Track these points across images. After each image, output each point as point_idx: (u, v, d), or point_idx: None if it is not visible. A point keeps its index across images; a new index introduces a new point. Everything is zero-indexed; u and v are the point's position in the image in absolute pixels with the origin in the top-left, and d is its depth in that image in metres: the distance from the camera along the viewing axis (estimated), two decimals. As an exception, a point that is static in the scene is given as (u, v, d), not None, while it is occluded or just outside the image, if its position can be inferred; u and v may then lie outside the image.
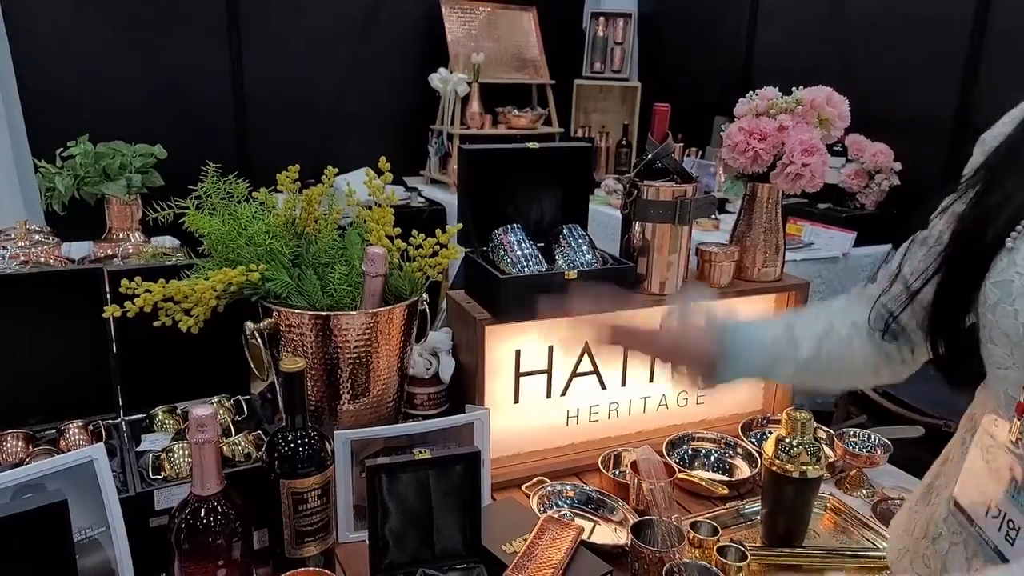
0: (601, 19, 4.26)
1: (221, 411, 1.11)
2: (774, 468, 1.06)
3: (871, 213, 2.90)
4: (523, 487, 1.21)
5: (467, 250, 1.23)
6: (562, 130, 4.13)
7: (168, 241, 2.12)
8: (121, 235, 2.03)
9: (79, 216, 2.12)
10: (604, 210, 3.19)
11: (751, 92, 1.36)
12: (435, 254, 1.11)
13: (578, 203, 1.30)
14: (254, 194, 1.13)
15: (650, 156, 1.24)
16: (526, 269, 1.17)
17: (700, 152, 3.69)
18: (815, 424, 1.35)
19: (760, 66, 3.65)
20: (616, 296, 1.20)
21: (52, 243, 1.82)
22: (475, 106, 3.81)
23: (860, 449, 1.26)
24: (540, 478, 1.22)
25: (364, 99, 3.88)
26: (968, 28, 2.66)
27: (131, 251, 1.94)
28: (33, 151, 2.74)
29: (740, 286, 1.36)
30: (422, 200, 3.64)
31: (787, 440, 1.07)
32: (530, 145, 1.22)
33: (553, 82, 4.05)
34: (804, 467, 1.05)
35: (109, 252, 1.92)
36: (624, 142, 4.20)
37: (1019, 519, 0.69)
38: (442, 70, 3.74)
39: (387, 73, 3.90)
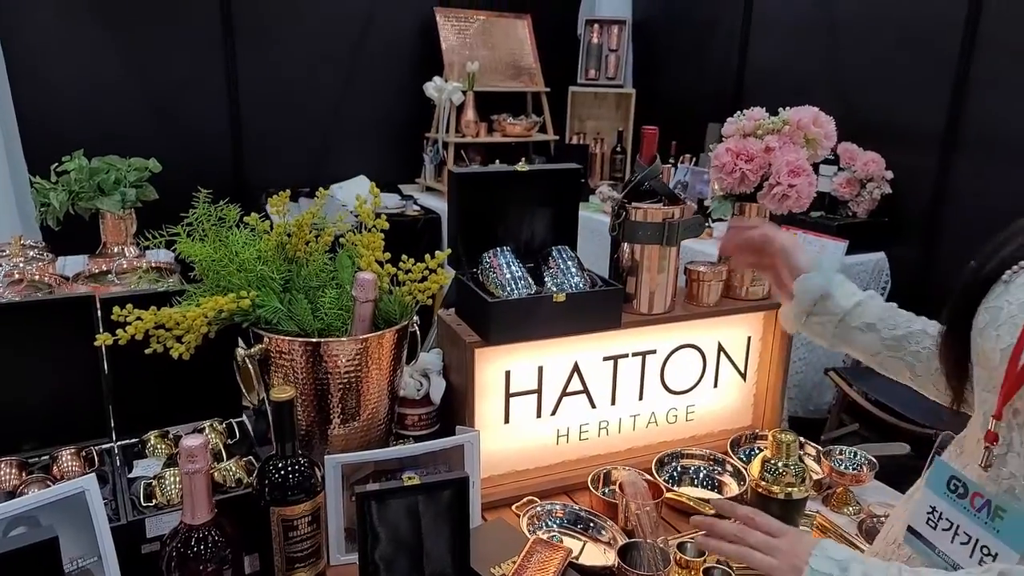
0: (596, 26, 4.27)
1: (213, 435, 1.12)
2: (760, 489, 1.08)
3: (863, 221, 2.92)
4: (513, 507, 1.22)
5: (457, 273, 1.24)
6: (557, 137, 4.14)
7: (163, 255, 2.13)
8: (116, 249, 2.04)
9: (75, 229, 2.13)
10: (599, 217, 3.20)
11: (739, 112, 1.37)
12: (424, 279, 1.12)
13: (567, 224, 1.31)
14: (246, 219, 1.14)
15: (638, 178, 1.25)
16: (515, 292, 1.18)
17: (694, 159, 3.71)
18: (803, 441, 1.37)
19: (753, 74, 3.67)
20: (605, 316, 1.22)
21: (47, 259, 1.82)
22: (470, 114, 3.82)
23: (846, 467, 1.28)
24: (530, 498, 1.23)
25: (360, 107, 3.89)
26: (959, 38, 2.67)
27: (125, 266, 1.95)
28: (29, 166, 2.75)
29: (728, 304, 1.37)
30: (417, 208, 3.65)
31: (773, 461, 1.08)
32: (519, 168, 1.24)
33: (548, 90, 4.06)
34: (789, 488, 1.06)
35: (104, 267, 1.93)
36: (619, 148, 4.22)
37: (994, 544, 0.70)
38: (437, 79, 3.75)
39: (382, 81, 3.92)
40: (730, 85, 3.75)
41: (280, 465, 0.93)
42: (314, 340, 1.04)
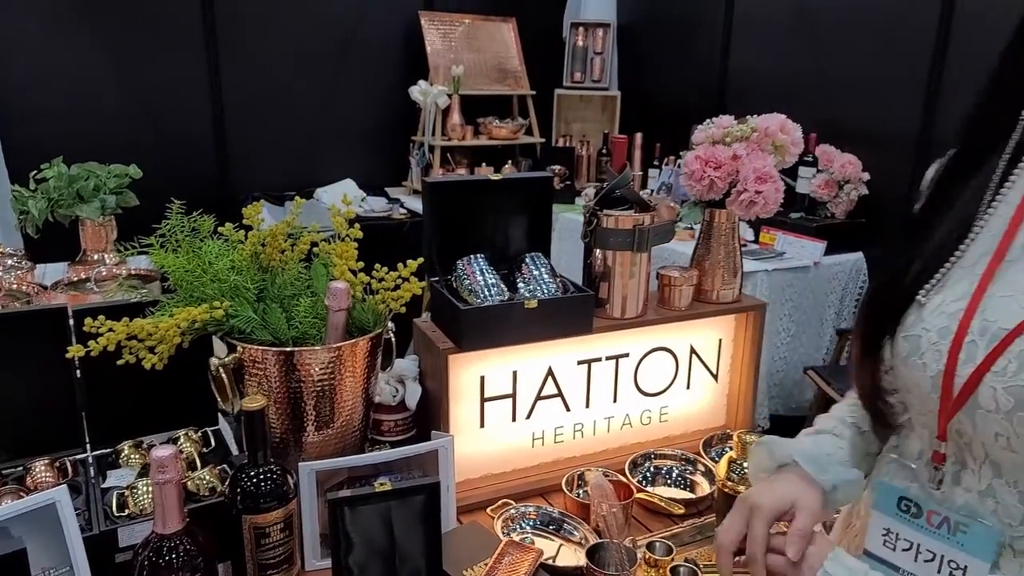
0: (580, 29, 4.30)
1: (188, 444, 1.13)
2: (726, 489, 1.10)
3: (841, 222, 2.96)
4: (488, 510, 1.24)
5: (432, 280, 1.26)
6: (543, 140, 4.17)
7: (144, 262, 2.14)
8: (96, 256, 2.05)
9: (55, 236, 2.14)
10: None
11: (708, 119, 1.40)
12: (397, 287, 1.14)
13: (541, 231, 1.33)
14: (220, 229, 1.16)
15: (609, 186, 1.27)
16: (488, 298, 1.20)
17: (678, 160, 3.74)
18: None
19: (736, 76, 3.70)
20: (577, 321, 1.24)
21: (25, 268, 1.83)
22: (456, 117, 3.84)
23: (815, 467, 1.30)
24: (505, 500, 1.25)
25: (345, 111, 3.90)
26: (932, 42, 2.71)
27: (105, 273, 1.96)
28: (10, 174, 2.75)
29: (700, 308, 1.39)
30: (404, 212, 3.66)
31: (738, 462, 1.11)
32: (492, 177, 1.26)
33: (533, 92, 4.09)
34: (755, 489, 1.08)
35: (83, 275, 1.94)
36: (605, 151, 4.25)
37: (962, 558, 0.71)
38: (422, 82, 3.77)
39: (368, 85, 3.93)
40: (713, 87, 3.78)
41: (252, 473, 0.94)
42: (287, 349, 1.05)
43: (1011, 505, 0.69)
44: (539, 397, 1.31)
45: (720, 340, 1.45)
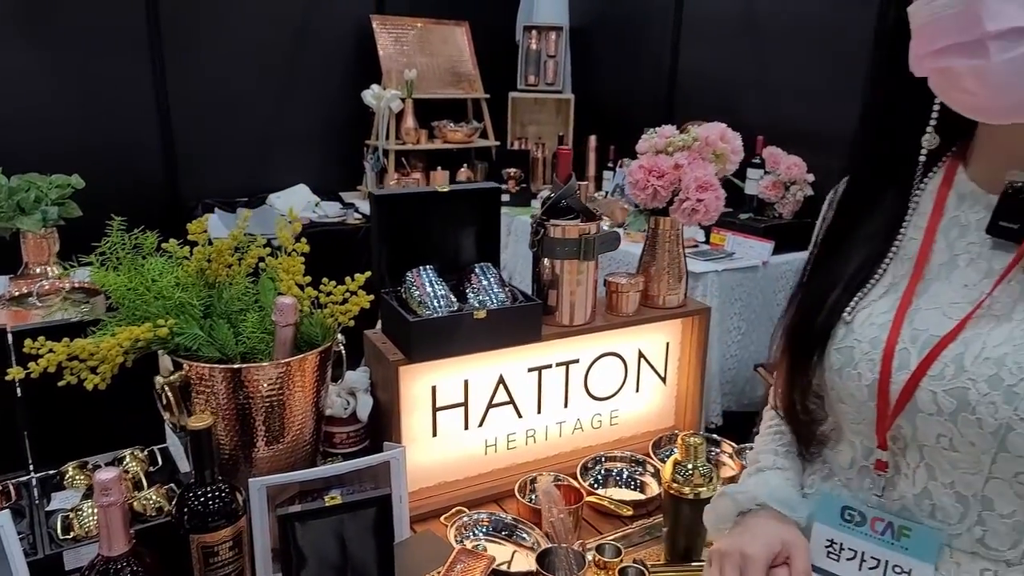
0: (533, 32, 4.33)
1: (134, 463, 1.12)
2: (672, 491, 1.13)
3: (788, 222, 3.04)
4: (442, 518, 1.25)
5: (382, 291, 1.27)
6: (498, 143, 4.19)
7: (88, 275, 2.09)
8: (38, 270, 2.00)
9: (-4, 250, 2.08)
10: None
11: (651, 129, 1.43)
12: (345, 301, 1.14)
13: (489, 241, 1.35)
14: (164, 245, 1.15)
15: (556, 196, 1.29)
16: (438, 309, 1.21)
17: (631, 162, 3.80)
18: (719, 439, 1.44)
19: (685, 79, 3.78)
20: (525, 330, 1.27)
21: (-36, 284, 1.78)
22: (410, 121, 3.84)
23: (759, 465, 1.34)
24: (458, 508, 1.27)
25: (297, 116, 3.87)
26: (868, 44, 2.81)
27: (48, 287, 1.92)
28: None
29: (647, 313, 1.43)
30: (358, 217, 3.64)
31: (683, 463, 1.14)
32: (439, 188, 1.27)
33: (488, 96, 4.10)
34: (698, 488, 1.12)
35: (25, 289, 1.89)
36: (563, 146, 4.28)
37: (906, 562, 0.74)
38: (375, 87, 3.75)
39: (320, 89, 3.90)
40: (664, 90, 3.85)
41: (199, 492, 0.94)
42: (235, 366, 1.05)
43: (948, 506, 0.72)
44: (491, 405, 1.32)
45: (667, 344, 1.48)
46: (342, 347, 1.19)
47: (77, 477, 1.10)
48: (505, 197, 3.84)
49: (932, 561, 0.73)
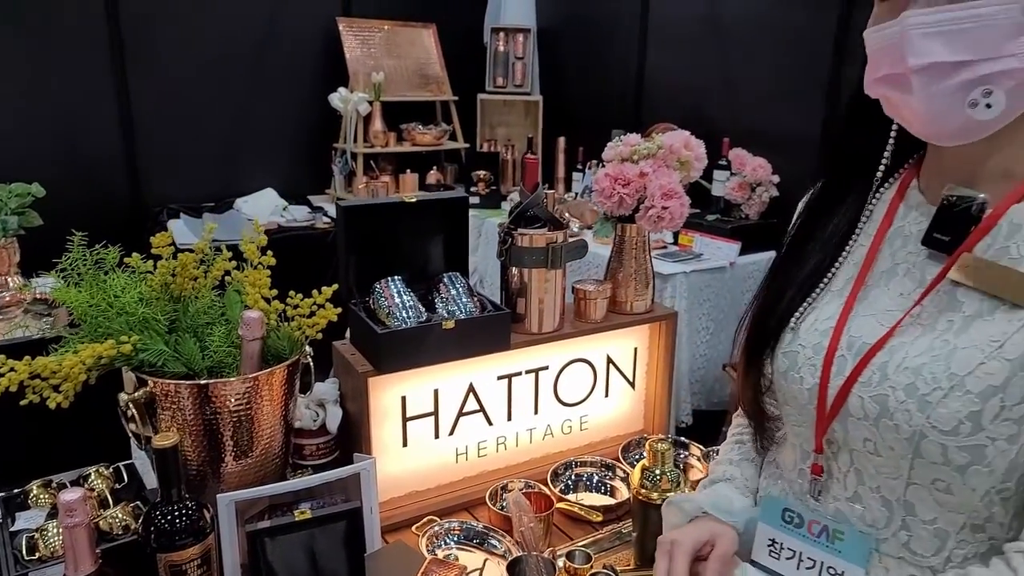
0: (501, 34, 4.34)
1: (99, 481, 1.11)
2: (640, 496, 1.15)
3: (754, 223, 3.09)
4: (413, 528, 1.26)
5: (350, 302, 1.26)
6: (468, 145, 4.19)
7: (51, 285, 2.05)
8: (-1, 281, 1.95)
9: (-47, 261, 2.02)
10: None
11: (617, 137, 1.45)
12: (313, 314, 1.14)
13: (458, 251, 1.35)
14: (127, 260, 1.13)
15: (523, 206, 1.30)
16: (406, 320, 1.21)
17: (600, 164, 3.82)
18: (687, 442, 1.47)
19: (652, 81, 3.81)
20: (494, 339, 1.27)
21: (-79, 297, 1.74)
22: (378, 124, 3.82)
23: (725, 467, 1.37)
24: (430, 517, 1.27)
25: (263, 119, 3.82)
26: (830, 46, 2.87)
27: (8, 299, 1.88)
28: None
29: (614, 319, 1.45)
30: (327, 221, 3.62)
31: (651, 469, 1.16)
32: (406, 199, 1.27)
33: (456, 98, 4.10)
34: (666, 493, 1.14)
35: (-15, 302, 1.85)
36: (530, 154, 4.30)
37: (839, 564, 0.77)
38: (342, 89, 3.73)
39: (286, 92, 3.86)
40: (631, 92, 3.88)
41: (166, 510, 0.93)
42: (201, 382, 1.04)
43: (876, 510, 0.76)
44: (461, 413, 1.33)
45: (635, 349, 1.50)
46: (310, 359, 1.19)
47: (42, 496, 1.09)
48: (475, 199, 3.84)
49: (863, 565, 0.76)
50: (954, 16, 0.63)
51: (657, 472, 1.15)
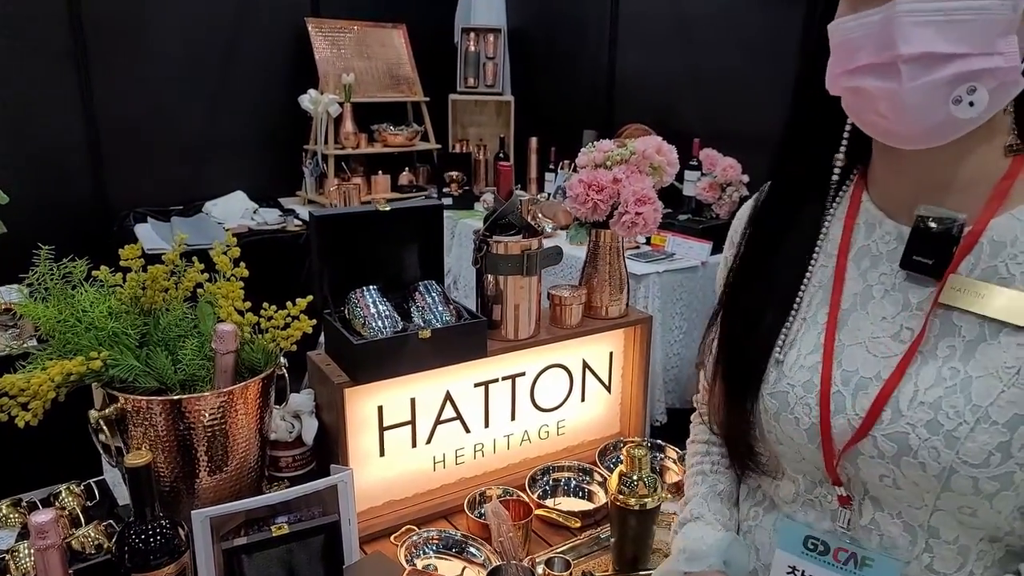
0: (472, 34, 4.33)
1: (70, 499, 1.09)
2: (618, 502, 1.16)
3: (726, 222, 3.12)
4: (392, 538, 1.25)
5: (324, 312, 1.25)
6: (439, 146, 4.17)
7: (15, 295, 2.01)
8: (-40, 293, 1.90)
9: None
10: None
11: (590, 143, 1.46)
12: (287, 325, 1.13)
13: (433, 259, 1.35)
14: (95, 273, 1.11)
15: (497, 213, 1.30)
16: (382, 329, 1.21)
17: (572, 164, 3.83)
18: (663, 444, 1.48)
19: (622, 81, 3.84)
20: (471, 347, 1.27)
21: None
22: (349, 126, 3.79)
23: (701, 469, 1.39)
24: (408, 527, 1.27)
25: (232, 121, 3.77)
26: (795, 46, 2.91)
27: (-28, 311, 1.83)
28: None
29: (590, 324, 1.45)
30: (298, 223, 3.58)
31: (628, 475, 1.17)
32: (380, 207, 1.26)
33: (427, 99, 4.08)
34: (644, 499, 1.15)
35: (-54, 314, 1.80)
36: (502, 155, 4.30)
37: None
38: (312, 91, 3.69)
39: (255, 94, 3.81)
40: (603, 92, 3.90)
41: (140, 529, 0.92)
42: (174, 397, 1.03)
43: (896, 536, 0.73)
44: (438, 421, 1.33)
45: (611, 353, 1.51)
46: (285, 370, 1.18)
47: (11, 516, 1.06)
48: (447, 200, 3.84)
49: None
50: (951, 6, 0.61)
51: (634, 477, 1.16)
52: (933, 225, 0.70)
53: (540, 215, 3.62)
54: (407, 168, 4.10)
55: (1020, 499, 0.67)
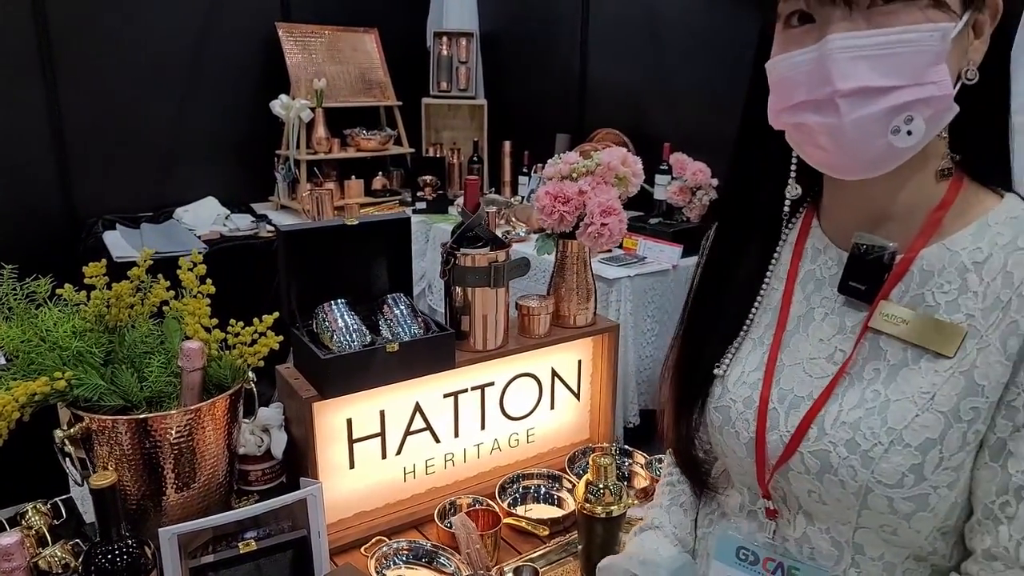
0: (444, 38, 4.33)
1: (36, 517, 1.08)
2: (584, 511, 1.18)
3: (696, 226, 3.17)
4: (362, 549, 1.26)
5: (292, 327, 1.26)
6: (413, 150, 4.17)
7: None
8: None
9: None
10: (454, 233, 3.27)
11: (557, 155, 1.48)
12: (254, 342, 1.13)
13: (401, 271, 1.36)
14: (59, 291, 1.11)
15: (464, 226, 1.32)
16: (350, 343, 1.22)
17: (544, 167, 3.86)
18: (630, 449, 1.51)
19: (593, 85, 3.87)
20: (439, 359, 1.29)
21: None
22: (321, 131, 3.77)
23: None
24: (379, 537, 1.28)
25: (203, 127, 3.73)
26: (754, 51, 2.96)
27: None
28: None
29: (558, 333, 1.47)
30: (271, 229, 3.55)
31: (595, 483, 1.19)
32: (348, 222, 1.27)
33: (400, 103, 4.08)
34: (610, 507, 1.17)
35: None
36: (475, 158, 4.31)
37: None
38: (283, 96, 3.67)
39: (226, 100, 3.78)
40: (574, 96, 3.93)
41: (107, 549, 0.92)
42: (140, 416, 1.03)
43: (825, 549, 0.76)
44: (408, 432, 1.34)
45: (579, 361, 1.54)
46: (253, 384, 1.18)
47: (-28, 538, 1.05)
48: (421, 204, 3.84)
49: None
50: (881, 40, 0.63)
51: (600, 486, 1.18)
52: (867, 252, 0.73)
53: (513, 218, 3.62)
54: (380, 172, 4.09)
55: (938, 521, 0.70)
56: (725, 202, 0.90)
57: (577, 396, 1.55)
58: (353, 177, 3.94)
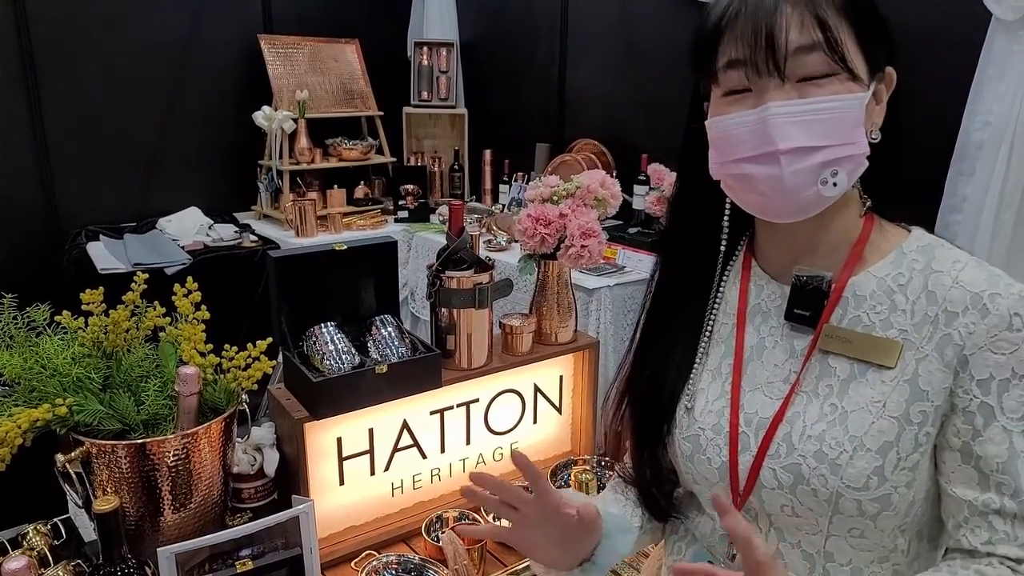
0: (425, 48, 4.37)
1: (37, 538, 1.12)
2: (567, 523, 1.24)
3: (673, 236, 3.24)
4: (352, 563, 1.31)
5: (283, 348, 1.30)
6: (394, 159, 4.21)
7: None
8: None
9: None
10: (439, 238, 3.32)
11: (537, 178, 1.53)
12: (248, 366, 1.18)
13: (388, 294, 1.41)
14: (57, 318, 1.14)
15: (450, 249, 1.37)
16: (340, 365, 1.26)
17: (526, 176, 3.92)
18: (610, 461, 1.57)
19: (573, 96, 3.93)
20: (426, 379, 1.33)
21: None
22: (303, 141, 3.79)
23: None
24: (368, 552, 1.33)
25: (186, 137, 3.74)
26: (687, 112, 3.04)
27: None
28: None
29: (540, 351, 1.53)
30: (254, 239, 3.57)
31: (577, 497, 1.25)
32: (336, 247, 1.32)
33: (381, 113, 4.11)
34: (591, 520, 1.23)
35: None
36: (456, 167, 4.36)
37: None
38: (266, 108, 3.69)
39: (209, 110, 3.79)
40: (553, 106, 3.99)
41: (109, 571, 0.96)
42: (138, 441, 1.07)
43: (797, 563, 0.83)
44: (396, 449, 1.39)
45: (561, 376, 1.59)
46: (246, 405, 1.22)
47: (-25, 561, 1.09)
48: (403, 213, 3.88)
49: None
50: (813, 108, 0.74)
51: (581, 499, 1.24)
52: (807, 282, 0.83)
53: (495, 227, 3.67)
54: (362, 182, 4.12)
55: (899, 519, 0.78)
56: (665, 244, 0.97)
57: (559, 410, 1.61)
58: (335, 187, 3.96)
